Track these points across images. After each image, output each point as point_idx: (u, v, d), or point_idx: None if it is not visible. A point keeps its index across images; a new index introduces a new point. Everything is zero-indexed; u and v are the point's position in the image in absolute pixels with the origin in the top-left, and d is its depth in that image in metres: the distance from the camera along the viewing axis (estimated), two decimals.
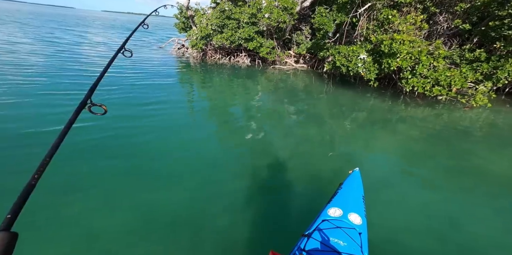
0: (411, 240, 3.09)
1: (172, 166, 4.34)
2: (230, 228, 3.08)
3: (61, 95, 6.95)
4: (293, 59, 14.72)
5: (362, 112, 8.06)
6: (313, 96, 9.65)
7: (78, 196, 3.43)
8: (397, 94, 9.84)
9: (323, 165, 4.69)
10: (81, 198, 3.40)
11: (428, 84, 8.46)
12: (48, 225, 2.96)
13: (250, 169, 4.33)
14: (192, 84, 10.49)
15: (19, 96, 6.47)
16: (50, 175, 3.71)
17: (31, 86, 7.31)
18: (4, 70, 8.54)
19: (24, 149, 4.34)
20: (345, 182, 3.16)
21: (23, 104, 6.08)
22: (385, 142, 6.07)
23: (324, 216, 2.53)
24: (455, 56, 9.03)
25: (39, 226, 2.92)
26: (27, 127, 5.02)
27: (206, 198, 3.59)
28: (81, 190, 3.55)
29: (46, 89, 7.24)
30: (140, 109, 6.72)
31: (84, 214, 3.16)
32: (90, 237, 2.85)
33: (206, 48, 15.18)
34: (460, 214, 3.62)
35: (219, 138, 5.63)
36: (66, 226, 2.96)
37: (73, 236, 2.84)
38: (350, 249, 2.20)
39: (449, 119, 7.71)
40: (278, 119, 7.13)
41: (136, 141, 5.05)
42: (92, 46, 16.13)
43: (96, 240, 2.82)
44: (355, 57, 10.13)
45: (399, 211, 3.61)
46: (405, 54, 8.83)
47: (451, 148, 5.82)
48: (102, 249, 2.73)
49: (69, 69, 9.77)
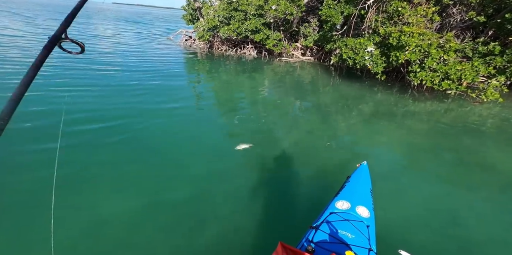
0: (416, 234, 3.04)
1: (178, 155, 4.32)
2: (238, 219, 3.05)
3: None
4: (300, 51, 14.43)
5: (369, 105, 7.89)
6: (319, 89, 9.47)
7: (86, 183, 3.45)
8: (405, 88, 9.59)
9: (330, 158, 4.62)
10: (90, 186, 3.41)
11: (437, 77, 8.20)
12: (58, 211, 2.98)
13: (256, 161, 4.28)
14: (198, 75, 10.39)
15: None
16: (60, 163, 3.75)
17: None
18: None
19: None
20: (353, 175, 3.10)
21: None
22: (392, 136, 5.95)
23: (332, 209, 2.48)
24: (467, 49, 8.69)
25: (49, 212, 2.94)
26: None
27: (212, 188, 3.56)
28: (89, 178, 3.56)
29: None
30: (146, 98, 6.68)
31: (93, 201, 3.17)
32: (98, 223, 2.86)
33: (213, 39, 14.97)
34: (464, 209, 3.53)
35: (225, 129, 5.57)
36: (75, 213, 2.98)
37: (82, 222, 2.86)
38: (358, 241, 2.16)
39: (457, 114, 7.51)
40: (284, 111, 7.03)
41: (142, 130, 5.03)
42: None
43: (103, 226, 2.83)
44: (362, 49, 9.85)
45: (405, 205, 3.54)
46: (414, 47, 8.54)
47: (458, 143, 5.67)
48: (109, 235, 2.74)
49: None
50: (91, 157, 4.04)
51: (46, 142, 4.15)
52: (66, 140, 4.36)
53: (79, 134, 4.60)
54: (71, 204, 3.09)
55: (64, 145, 4.18)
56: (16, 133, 4.39)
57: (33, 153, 3.93)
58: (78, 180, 3.49)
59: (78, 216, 2.94)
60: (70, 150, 4.10)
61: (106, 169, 3.79)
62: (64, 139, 4.37)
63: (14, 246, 2.54)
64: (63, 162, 3.79)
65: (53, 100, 5.83)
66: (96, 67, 8.91)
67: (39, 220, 2.76)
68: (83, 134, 4.63)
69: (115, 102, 6.25)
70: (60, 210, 2.96)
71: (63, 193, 3.19)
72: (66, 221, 2.84)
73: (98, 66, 9.04)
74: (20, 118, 4.86)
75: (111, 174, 3.69)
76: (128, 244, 2.67)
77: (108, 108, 5.85)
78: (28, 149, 4.02)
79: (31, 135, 4.41)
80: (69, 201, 3.11)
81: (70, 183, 3.40)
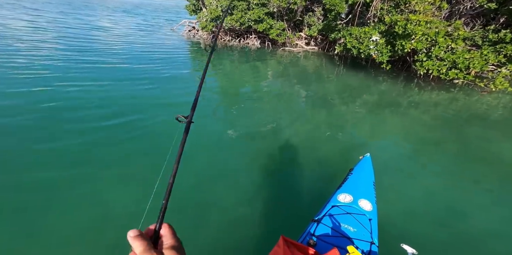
0: (419, 227, 3.00)
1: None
2: (239, 211, 3.05)
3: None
4: (304, 41, 14.07)
5: (373, 95, 7.71)
6: (323, 79, 9.27)
7: (92, 172, 3.48)
8: (410, 78, 9.32)
9: (333, 149, 4.55)
10: (95, 176, 3.44)
11: (444, 67, 7.92)
12: (65, 200, 3.02)
13: (257, 152, 4.24)
14: (202, 66, 10.25)
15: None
16: (66, 152, 3.75)
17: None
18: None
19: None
20: (355, 167, 3.04)
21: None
22: (396, 127, 5.82)
23: (334, 202, 2.44)
24: (477, 37, 8.31)
25: (57, 201, 2.98)
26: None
27: (213, 180, 3.55)
28: (95, 167, 3.59)
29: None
30: (149, 89, 6.63)
31: (99, 190, 3.20)
32: (103, 214, 2.89)
33: (216, 30, 14.66)
34: (467, 202, 3.46)
35: (226, 120, 5.51)
36: (82, 201, 3.01)
37: (89, 211, 2.89)
38: (360, 235, 2.13)
39: (464, 104, 7.29)
40: (287, 102, 6.92)
41: (144, 120, 5.01)
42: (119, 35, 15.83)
43: (107, 217, 2.86)
44: (367, 39, 9.53)
45: (408, 198, 3.48)
46: (421, 36, 8.21)
47: (463, 135, 5.53)
48: (114, 223, 2.77)
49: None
50: (96, 148, 4.04)
51: (52, 139, 4.17)
52: (70, 134, 4.36)
53: (81, 124, 4.61)
54: (78, 192, 3.11)
55: (66, 140, 4.20)
56: (17, 129, 4.40)
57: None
58: (84, 168, 3.51)
59: (84, 205, 2.96)
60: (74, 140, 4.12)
61: (111, 160, 3.80)
62: (68, 133, 4.38)
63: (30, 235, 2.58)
64: (67, 158, 3.81)
65: (60, 95, 5.82)
66: (100, 59, 8.83)
67: (45, 210, 2.79)
68: (84, 124, 4.63)
69: (119, 93, 6.22)
70: (67, 198, 2.99)
71: (68, 182, 3.22)
72: (73, 209, 2.88)
73: (102, 58, 8.95)
74: (23, 114, 4.87)
75: (114, 165, 3.70)
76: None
77: (111, 100, 5.83)
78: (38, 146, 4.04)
79: (33, 131, 4.43)
80: (76, 189, 3.14)
81: (76, 170, 3.42)
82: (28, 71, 6.91)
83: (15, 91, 5.67)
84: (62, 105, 5.29)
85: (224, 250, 2.57)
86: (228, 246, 2.61)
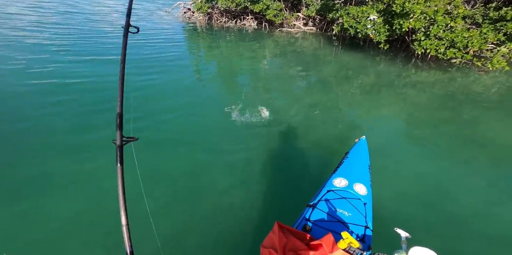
0: (412, 210, 2.97)
1: (176, 127, 4.18)
2: (234, 195, 3.00)
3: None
4: (302, 21, 13.34)
5: (370, 76, 7.43)
6: (320, 60, 8.90)
7: (87, 156, 3.39)
8: (408, 58, 8.94)
9: (329, 132, 4.43)
10: (90, 159, 3.36)
11: (443, 46, 7.54)
12: (62, 183, 2.96)
13: (251, 136, 4.12)
14: (198, 48, 9.79)
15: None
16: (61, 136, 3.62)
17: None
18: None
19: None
20: (351, 151, 2.94)
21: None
22: (392, 108, 5.66)
23: (329, 187, 2.37)
24: (477, 15, 7.82)
25: (55, 185, 2.92)
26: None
27: (208, 163, 3.47)
28: (90, 151, 3.50)
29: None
30: (146, 72, 6.36)
31: (94, 174, 3.14)
32: (99, 195, 2.85)
33: (212, 11, 13.85)
34: (459, 184, 3.42)
35: (223, 102, 5.30)
36: (78, 184, 2.95)
37: (84, 194, 2.84)
38: (354, 219, 2.08)
39: (461, 84, 7.04)
40: (283, 84, 6.67)
41: (141, 103, 4.85)
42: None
43: (103, 199, 2.82)
44: (364, 18, 9.02)
45: (401, 181, 3.43)
46: (419, 14, 7.73)
47: (458, 115, 5.38)
48: (110, 207, 2.72)
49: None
50: (92, 133, 3.92)
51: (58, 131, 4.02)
52: (72, 119, 4.21)
53: (83, 107, 4.44)
54: (74, 176, 3.04)
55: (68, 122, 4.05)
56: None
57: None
58: (78, 152, 3.41)
59: (80, 188, 2.90)
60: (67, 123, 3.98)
61: (104, 142, 3.69)
62: (71, 118, 4.23)
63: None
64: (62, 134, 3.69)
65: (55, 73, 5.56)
66: (93, 41, 8.39)
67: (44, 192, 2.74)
68: (85, 107, 4.47)
69: (112, 76, 5.96)
70: (64, 182, 2.92)
71: (64, 166, 3.14)
72: (69, 192, 2.82)
73: (95, 40, 8.49)
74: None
75: (107, 148, 3.59)
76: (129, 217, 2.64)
77: (105, 81, 5.60)
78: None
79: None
80: (72, 173, 3.06)
81: (70, 155, 3.33)
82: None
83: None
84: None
85: (218, 237, 2.53)
86: (223, 233, 2.56)
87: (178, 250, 2.39)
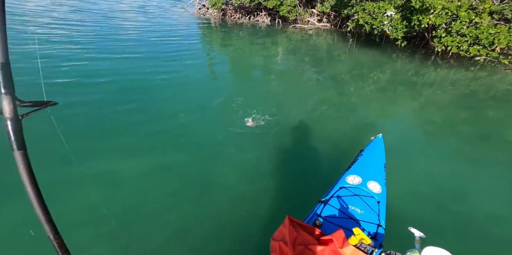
0: (427, 210, 2.88)
1: (189, 123, 4.24)
2: (245, 190, 3.00)
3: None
4: (316, 18, 13.13)
5: (387, 74, 7.23)
6: (334, 57, 8.74)
7: (101, 150, 3.49)
8: (427, 55, 8.62)
9: (343, 129, 4.36)
10: (105, 152, 3.45)
11: (465, 43, 7.22)
12: (77, 171, 3.05)
13: (266, 132, 4.10)
14: (212, 44, 9.85)
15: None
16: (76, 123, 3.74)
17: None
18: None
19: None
20: (366, 148, 2.88)
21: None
22: (409, 107, 5.48)
23: (342, 183, 2.33)
24: (506, 10, 7.41)
25: (70, 173, 3.01)
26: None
27: (220, 158, 3.50)
28: (104, 145, 3.60)
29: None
30: (161, 67, 6.48)
31: (108, 167, 3.23)
32: (112, 187, 2.93)
33: (226, 7, 13.90)
34: (476, 187, 3.27)
35: (236, 98, 5.29)
36: (92, 177, 3.04)
37: (98, 186, 2.92)
38: (367, 217, 2.04)
39: (484, 83, 6.72)
40: (296, 80, 6.60)
41: (154, 99, 4.94)
42: None
43: (116, 190, 2.90)
44: (381, 14, 8.76)
45: (417, 180, 3.32)
46: (440, 10, 7.42)
47: (480, 116, 5.13)
48: (121, 199, 2.80)
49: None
50: (106, 124, 4.05)
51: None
52: (81, 106, 4.36)
53: (94, 100, 4.59)
54: (88, 168, 3.14)
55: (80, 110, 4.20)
56: None
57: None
58: (94, 147, 3.52)
59: (95, 180, 2.99)
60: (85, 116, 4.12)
61: (120, 136, 3.79)
62: (79, 105, 4.38)
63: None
64: (81, 128, 3.82)
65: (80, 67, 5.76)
66: (114, 37, 8.61)
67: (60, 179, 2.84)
68: (97, 101, 4.62)
69: (131, 70, 6.12)
70: (78, 170, 3.00)
71: (79, 157, 3.23)
72: (84, 184, 2.91)
73: (116, 36, 8.72)
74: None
75: (124, 141, 3.69)
76: (137, 208, 2.72)
77: (124, 76, 5.77)
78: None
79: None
80: (86, 166, 3.16)
81: (86, 149, 3.45)
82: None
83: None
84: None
85: (229, 228, 2.55)
86: (233, 225, 2.59)
87: (187, 242, 2.42)
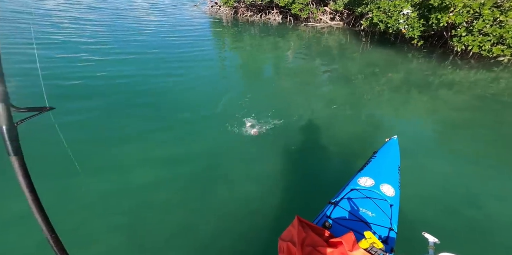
0: (442, 215, 2.77)
1: (199, 121, 4.25)
2: (254, 189, 2.97)
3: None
4: (328, 16, 12.94)
5: (402, 74, 7.03)
6: (347, 56, 8.58)
7: (111, 146, 3.55)
8: (446, 55, 8.32)
9: (356, 131, 4.26)
10: (115, 149, 3.51)
11: (488, 42, 6.92)
12: (93, 166, 3.12)
13: (275, 131, 4.06)
14: (223, 42, 9.88)
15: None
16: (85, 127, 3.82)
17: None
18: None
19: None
20: (380, 150, 2.80)
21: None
22: (425, 108, 5.30)
23: (354, 185, 2.27)
24: None
25: (87, 168, 3.08)
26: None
27: (229, 156, 3.48)
28: (114, 141, 3.66)
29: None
30: (173, 65, 6.55)
31: (117, 164, 3.27)
32: (122, 184, 2.97)
33: (238, 5, 13.90)
34: (492, 192, 3.12)
35: (247, 97, 5.28)
36: (103, 174, 3.11)
37: (108, 182, 2.99)
38: (378, 220, 1.98)
39: (507, 85, 6.40)
40: (308, 79, 6.51)
41: (165, 96, 4.99)
42: None
43: (126, 186, 2.94)
44: (396, 12, 8.51)
45: (432, 184, 3.20)
46: (461, 8, 7.13)
47: (499, 120, 4.86)
48: (131, 196, 2.84)
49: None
50: (117, 121, 4.11)
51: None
52: (95, 102, 4.45)
53: (104, 97, 4.68)
54: (98, 165, 3.20)
55: (93, 107, 4.29)
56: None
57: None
58: (104, 144, 3.59)
59: (105, 176, 3.05)
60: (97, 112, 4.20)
61: (130, 133, 3.84)
62: (93, 101, 4.47)
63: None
64: (89, 126, 3.90)
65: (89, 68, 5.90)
66: (129, 33, 8.78)
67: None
68: (109, 97, 4.71)
69: (143, 68, 6.21)
70: (89, 171, 3.07)
71: (90, 155, 3.31)
72: (95, 179, 2.97)
73: (128, 37, 8.88)
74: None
75: (134, 139, 3.74)
76: (146, 204, 2.74)
77: (134, 74, 5.85)
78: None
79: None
80: (96, 163, 3.23)
81: (97, 145, 3.51)
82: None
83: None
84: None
85: (236, 226, 2.54)
86: (241, 223, 2.57)
87: (193, 239, 2.42)
